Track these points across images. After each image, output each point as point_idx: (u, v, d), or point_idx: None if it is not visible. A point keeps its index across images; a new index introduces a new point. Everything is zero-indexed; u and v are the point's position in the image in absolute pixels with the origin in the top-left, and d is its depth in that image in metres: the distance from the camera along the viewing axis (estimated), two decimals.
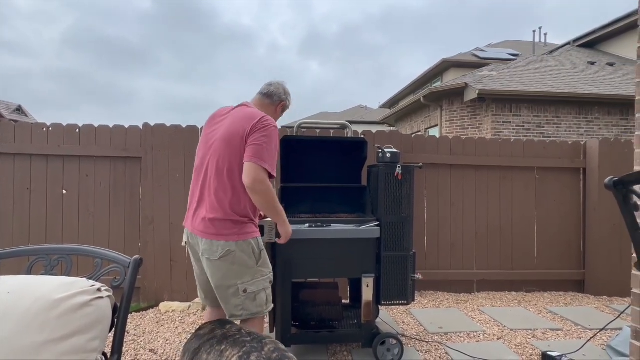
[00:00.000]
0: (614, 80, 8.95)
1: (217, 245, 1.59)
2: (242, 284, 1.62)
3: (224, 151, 1.62)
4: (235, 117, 1.68)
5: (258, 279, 1.66)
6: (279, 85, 1.86)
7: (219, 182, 1.62)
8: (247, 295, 1.63)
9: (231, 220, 1.61)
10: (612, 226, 3.64)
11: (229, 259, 1.59)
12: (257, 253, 1.66)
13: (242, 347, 1.29)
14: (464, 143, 3.71)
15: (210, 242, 1.60)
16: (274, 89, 1.84)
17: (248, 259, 1.63)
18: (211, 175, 1.64)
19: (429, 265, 3.61)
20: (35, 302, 0.94)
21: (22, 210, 3.18)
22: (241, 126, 1.62)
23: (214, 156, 1.65)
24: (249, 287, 1.63)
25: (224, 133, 1.65)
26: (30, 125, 3.28)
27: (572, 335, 2.70)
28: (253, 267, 1.64)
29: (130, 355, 2.32)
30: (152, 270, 3.25)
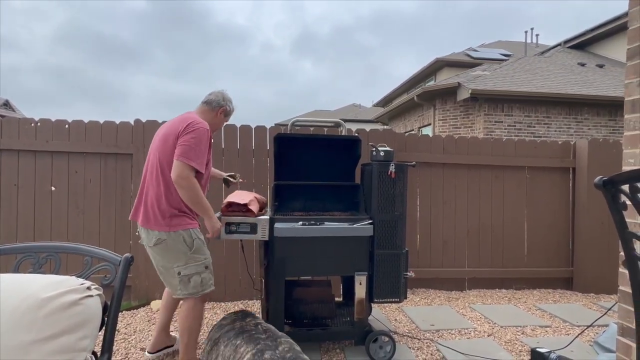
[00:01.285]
0: (603, 81, 9.10)
1: (152, 235, 1.86)
2: (177, 267, 1.88)
3: (160, 150, 1.89)
4: (173, 121, 1.95)
5: (191, 264, 1.89)
6: (219, 93, 2.09)
7: (155, 178, 1.89)
8: (181, 277, 1.88)
9: (162, 212, 1.85)
10: (601, 225, 3.71)
11: (161, 246, 1.86)
12: (189, 242, 1.88)
13: (257, 344, 1.34)
14: (457, 142, 3.74)
15: (146, 231, 1.89)
16: (213, 97, 2.07)
17: (180, 246, 1.86)
18: (150, 171, 1.92)
19: (421, 263, 3.63)
20: (23, 301, 0.92)
21: (10, 207, 3.12)
22: (175, 128, 1.87)
23: (153, 154, 1.94)
24: (183, 270, 1.88)
25: (162, 134, 1.93)
26: (17, 120, 3.21)
27: (560, 332, 2.75)
28: (186, 254, 1.87)
29: (121, 354, 2.29)
30: (143, 269, 3.21)
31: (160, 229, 1.85)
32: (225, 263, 3.30)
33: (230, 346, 1.40)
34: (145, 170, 1.97)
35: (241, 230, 2.06)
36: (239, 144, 3.37)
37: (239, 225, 2.05)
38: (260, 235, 2.08)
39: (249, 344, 1.36)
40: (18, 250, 1.27)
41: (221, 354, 1.40)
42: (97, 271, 1.24)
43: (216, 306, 3.17)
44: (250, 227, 2.06)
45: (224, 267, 3.28)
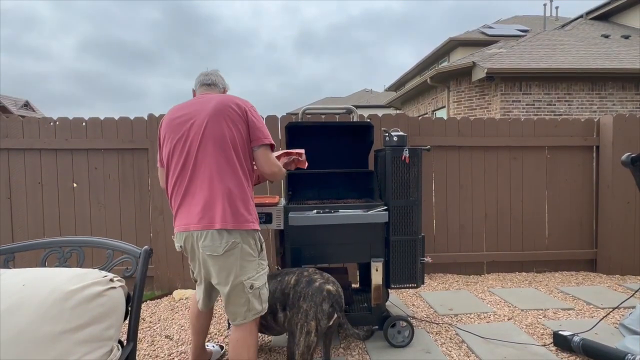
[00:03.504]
0: (629, 53, 8.62)
1: (222, 238, 1.50)
2: (249, 280, 1.54)
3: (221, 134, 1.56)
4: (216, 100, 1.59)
5: (260, 273, 1.61)
6: (217, 74, 1.78)
7: (222, 166, 1.56)
8: (253, 291, 1.55)
9: (237, 207, 1.54)
10: (626, 204, 3.57)
11: (234, 252, 1.52)
12: (258, 244, 1.63)
13: (293, 273, 1.81)
14: (473, 124, 3.64)
15: (211, 236, 1.50)
16: (215, 77, 1.75)
17: (252, 251, 1.57)
18: (209, 161, 1.55)
19: (438, 248, 3.60)
20: (50, 293, 0.96)
21: (35, 204, 3.25)
22: (228, 107, 1.56)
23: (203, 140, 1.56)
24: (255, 282, 1.56)
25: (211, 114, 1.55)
26: (37, 120, 3.31)
27: (584, 315, 2.69)
28: (256, 260, 1.59)
29: (147, 341, 2.39)
30: (164, 260, 3.31)
31: (234, 227, 1.50)
32: None
33: (273, 283, 1.79)
34: (184, 168, 1.56)
35: None
36: None
37: None
38: (276, 224, 2.09)
39: (289, 274, 1.80)
40: (44, 245, 1.33)
41: (270, 290, 1.75)
42: (119, 263, 1.28)
43: None
44: (266, 216, 2.07)
45: None
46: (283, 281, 1.78)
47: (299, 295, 1.69)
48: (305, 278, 1.74)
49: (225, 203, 1.51)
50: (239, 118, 1.56)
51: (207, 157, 1.53)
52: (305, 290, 1.68)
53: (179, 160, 1.57)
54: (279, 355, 2.17)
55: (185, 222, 1.56)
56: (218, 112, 1.54)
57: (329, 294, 1.67)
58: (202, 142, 1.53)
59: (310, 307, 1.64)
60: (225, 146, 1.53)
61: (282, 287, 1.76)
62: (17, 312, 0.92)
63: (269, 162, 1.63)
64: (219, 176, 1.52)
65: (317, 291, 1.67)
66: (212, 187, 1.52)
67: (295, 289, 1.72)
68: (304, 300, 1.66)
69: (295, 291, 1.71)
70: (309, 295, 1.66)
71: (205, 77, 1.74)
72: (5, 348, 0.86)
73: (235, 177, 1.54)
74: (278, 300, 1.75)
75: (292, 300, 1.70)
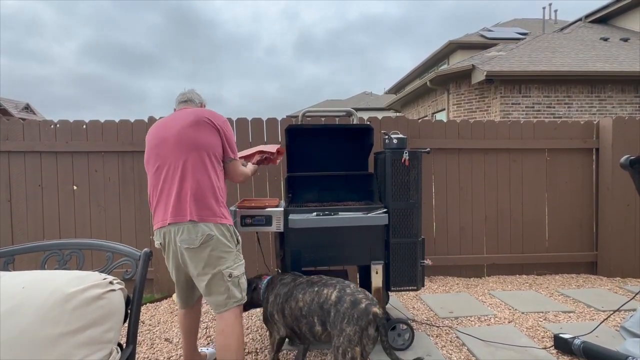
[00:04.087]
0: (628, 55, 8.64)
1: (198, 231, 1.62)
2: (227, 269, 1.67)
3: (193, 137, 1.71)
4: (189, 113, 1.75)
5: (238, 263, 1.73)
6: (192, 92, 1.95)
7: (197, 166, 1.70)
8: (232, 280, 1.67)
9: (210, 202, 1.68)
10: (626, 206, 3.57)
11: (210, 244, 1.63)
12: (235, 237, 1.75)
13: (334, 286, 1.68)
14: (472, 126, 3.65)
15: (187, 229, 1.62)
16: (191, 95, 1.93)
17: (228, 242, 1.69)
18: (185, 161, 1.69)
19: (438, 250, 3.60)
20: (49, 295, 0.96)
21: (35, 206, 3.25)
22: (202, 117, 1.73)
23: (179, 144, 1.71)
24: (234, 271, 1.68)
25: (188, 123, 1.72)
26: (38, 122, 3.32)
27: (584, 317, 2.69)
28: (233, 251, 1.71)
29: (146, 344, 2.38)
30: (164, 262, 3.28)
31: (209, 220, 1.62)
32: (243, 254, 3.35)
33: (309, 292, 1.72)
34: (159, 170, 1.70)
35: (256, 223, 2.08)
36: (251, 137, 3.38)
37: (254, 217, 2.08)
38: (275, 227, 2.09)
39: (328, 287, 1.69)
40: (44, 248, 1.33)
41: (301, 299, 1.72)
42: (118, 266, 1.28)
43: None
44: (265, 219, 2.07)
45: None
46: (321, 294, 1.67)
47: (342, 317, 1.56)
48: (349, 297, 1.60)
49: (198, 198, 1.63)
50: (213, 128, 1.72)
51: (180, 157, 1.66)
52: (350, 312, 1.55)
53: (155, 163, 1.72)
54: None
55: (161, 218, 1.68)
56: (193, 120, 1.70)
57: (375, 318, 1.54)
58: (176, 145, 1.67)
59: (355, 332, 1.52)
60: (198, 148, 1.67)
61: (319, 300, 1.66)
62: (17, 315, 0.92)
63: (237, 173, 1.88)
64: (191, 174, 1.65)
65: (363, 314, 1.54)
66: (184, 184, 1.64)
67: (338, 307, 1.59)
68: (349, 324, 1.53)
69: (337, 310, 1.59)
70: (354, 319, 1.53)
71: (182, 96, 1.93)
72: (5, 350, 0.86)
73: (207, 176, 1.67)
74: (315, 314, 1.66)
75: (334, 320, 1.58)
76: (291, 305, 1.76)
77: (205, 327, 2.61)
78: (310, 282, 1.78)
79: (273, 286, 1.93)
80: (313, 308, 1.67)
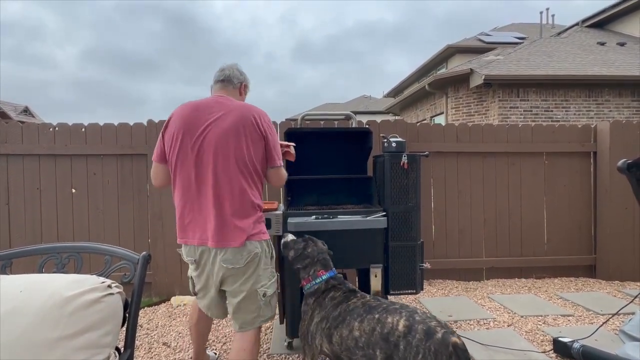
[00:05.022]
0: (625, 60, 8.71)
1: (245, 250, 1.50)
2: (262, 288, 1.56)
3: (230, 145, 1.52)
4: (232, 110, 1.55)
5: (272, 280, 1.61)
6: (232, 67, 1.71)
7: (235, 178, 1.53)
8: (265, 299, 1.57)
9: (252, 219, 1.56)
10: (624, 210, 3.58)
11: (253, 263, 1.52)
12: (271, 252, 1.63)
13: (400, 313, 1.41)
14: (471, 130, 3.66)
15: (233, 250, 1.49)
16: (229, 72, 1.69)
17: (267, 259, 1.59)
18: (221, 172, 1.51)
19: (437, 254, 3.59)
20: (47, 299, 0.96)
21: (33, 209, 3.24)
22: (246, 120, 1.53)
23: (214, 149, 1.52)
24: (268, 290, 1.57)
25: (226, 127, 1.52)
26: (37, 125, 3.32)
27: (583, 321, 2.68)
28: (268, 268, 1.60)
29: (144, 348, 2.36)
30: (162, 266, 3.30)
31: (254, 239, 1.51)
32: None
33: (368, 321, 1.45)
34: (199, 178, 1.51)
35: None
36: None
37: None
38: (274, 230, 2.09)
39: (392, 314, 1.42)
40: (42, 251, 1.32)
41: (357, 328, 1.45)
42: (117, 269, 1.28)
43: None
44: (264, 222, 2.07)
45: None
46: (385, 323, 1.40)
47: (415, 351, 1.30)
48: (420, 325, 1.34)
49: (242, 218, 1.51)
50: (258, 136, 1.55)
51: (222, 170, 1.50)
52: (425, 344, 1.30)
53: (191, 170, 1.52)
54: None
55: (199, 237, 1.53)
56: (237, 126, 1.51)
57: (456, 349, 1.29)
58: (218, 155, 1.49)
59: None
60: (241, 161, 1.51)
61: (383, 330, 1.39)
62: (15, 318, 0.91)
63: (280, 178, 1.72)
64: (235, 192, 1.50)
65: (441, 346, 1.29)
66: (224, 201, 1.49)
67: (409, 339, 1.33)
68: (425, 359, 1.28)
69: (408, 343, 1.32)
70: (432, 352, 1.28)
71: (220, 72, 1.69)
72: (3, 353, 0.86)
73: (248, 190, 1.53)
74: (377, 346, 1.39)
75: (405, 354, 1.33)
76: (342, 333, 1.48)
77: None
78: (367, 307, 1.49)
79: (319, 302, 1.61)
80: (374, 340, 1.40)
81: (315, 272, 1.68)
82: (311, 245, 1.76)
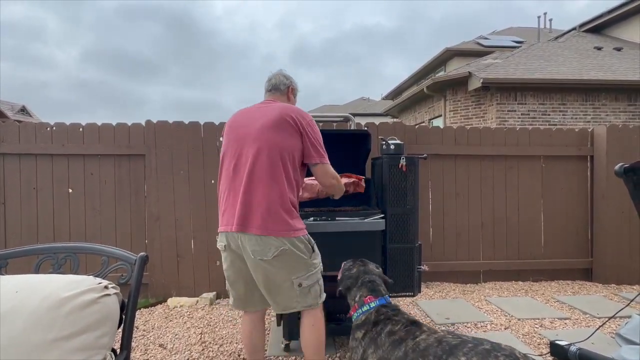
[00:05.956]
0: (621, 65, 8.77)
1: (270, 244, 1.52)
2: (297, 279, 1.58)
3: (272, 141, 1.58)
4: (276, 110, 1.63)
5: (312, 272, 1.63)
6: (278, 74, 1.82)
7: (271, 173, 1.57)
8: (302, 289, 1.60)
9: (284, 215, 1.56)
10: (621, 213, 3.60)
11: (282, 257, 1.54)
12: (309, 247, 1.63)
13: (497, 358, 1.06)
14: (469, 133, 3.67)
15: (260, 241, 1.51)
16: (275, 80, 1.80)
17: (302, 254, 1.59)
18: (258, 167, 1.57)
19: (435, 256, 3.60)
20: (43, 300, 0.95)
21: (29, 209, 3.22)
22: (287, 118, 1.60)
23: (254, 145, 1.59)
24: (304, 281, 1.60)
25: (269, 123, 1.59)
26: (34, 125, 3.30)
27: (580, 324, 2.69)
28: (307, 262, 1.61)
29: (140, 350, 2.35)
30: (159, 267, 3.28)
31: (283, 235, 1.53)
32: None
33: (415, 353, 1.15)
34: (235, 168, 1.59)
35: None
36: None
37: None
38: None
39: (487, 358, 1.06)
40: (38, 252, 1.31)
41: None
42: (114, 270, 1.27)
43: None
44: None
45: None
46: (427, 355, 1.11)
47: None
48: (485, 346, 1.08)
49: (271, 210, 1.53)
50: (295, 131, 1.60)
51: (255, 160, 1.55)
52: None
53: (231, 161, 1.61)
54: None
55: (226, 222, 1.59)
56: (276, 121, 1.58)
57: None
58: (256, 148, 1.56)
59: None
60: (276, 155, 1.56)
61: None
62: (10, 319, 0.90)
63: (327, 176, 1.69)
64: (267, 183, 1.54)
65: None
66: (256, 191, 1.54)
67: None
68: None
69: None
70: None
71: (268, 83, 1.80)
72: None
73: (283, 186, 1.56)
74: None
75: None
76: None
77: (200, 333, 2.58)
78: (446, 345, 1.13)
79: (373, 338, 1.29)
80: None
81: (361, 298, 1.43)
82: (357, 266, 1.58)
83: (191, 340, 2.47)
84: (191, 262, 3.31)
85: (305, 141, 1.61)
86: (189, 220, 3.31)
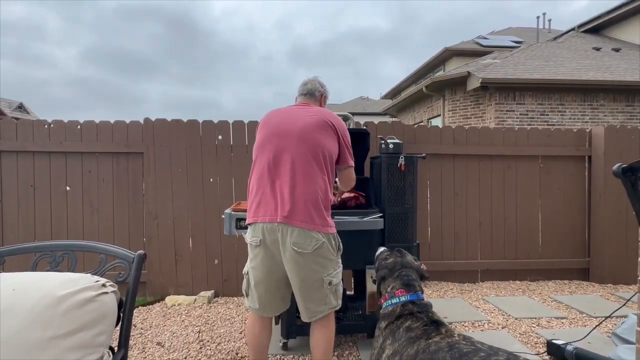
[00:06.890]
0: (620, 66, 8.80)
1: (312, 237, 1.55)
2: (328, 277, 1.61)
3: (314, 141, 1.64)
4: (314, 112, 1.71)
5: (338, 270, 1.67)
6: (314, 81, 1.89)
7: (310, 171, 1.62)
8: (331, 287, 1.63)
9: (321, 211, 1.61)
10: (618, 214, 3.61)
11: (319, 252, 1.57)
12: (338, 245, 1.68)
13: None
14: (467, 133, 3.68)
15: (304, 234, 1.54)
16: (311, 86, 1.87)
17: (333, 250, 1.64)
18: (298, 163, 1.61)
19: (433, 255, 3.61)
20: (40, 298, 0.94)
21: (27, 207, 3.20)
22: (327, 121, 1.68)
23: (297, 143, 1.63)
24: (334, 279, 1.63)
25: (311, 124, 1.66)
26: (31, 122, 3.28)
27: (577, 324, 2.70)
28: (334, 259, 1.65)
29: (137, 348, 2.35)
30: (157, 265, 3.27)
31: (321, 229, 1.57)
32: (237, 257, 3.33)
33: None
34: (275, 161, 1.61)
35: None
36: (247, 140, 3.38)
37: None
38: None
39: None
40: (35, 249, 1.31)
41: None
42: (111, 268, 1.27)
43: (229, 301, 3.22)
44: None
45: (235, 262, 3.31)
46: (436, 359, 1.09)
47: None
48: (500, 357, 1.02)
49: (315, 205, 1.58)
50: (334, 134, 1.69)
51: (300, 156, 1.60)
52: None
53: (270, 155, 1.62)
54: None
55: (269, 213, 1.58)
56: (318, 122, 1.66)
57: None
58: (299, 142, 1.61)
59: None
60: (318, 154, 1.62)
61: None
62: (7, 317, 0.90)
63: (351, 179, 1.84)
64: (309, 177, 1.59)
65: None
66: (301, 186, 1.58)
67: None
68: None
69: None
70: None
71: (303, 87, 1.88)
72: None
73: (322, 182, 1.62)
74: None
75: None
76: None
77: (198, 331, 2.58)
78: (457, 352, 1.09)
79: (392, 330, 1.30)
80: None
81: (393, 290, 1.41)
82: (394, 256, 1.55)
83: (189, 338, 2.47)
84: (189, 260, 3.31)
85: (341, 145, 1.72)
86: (187, 218, 3.30)
